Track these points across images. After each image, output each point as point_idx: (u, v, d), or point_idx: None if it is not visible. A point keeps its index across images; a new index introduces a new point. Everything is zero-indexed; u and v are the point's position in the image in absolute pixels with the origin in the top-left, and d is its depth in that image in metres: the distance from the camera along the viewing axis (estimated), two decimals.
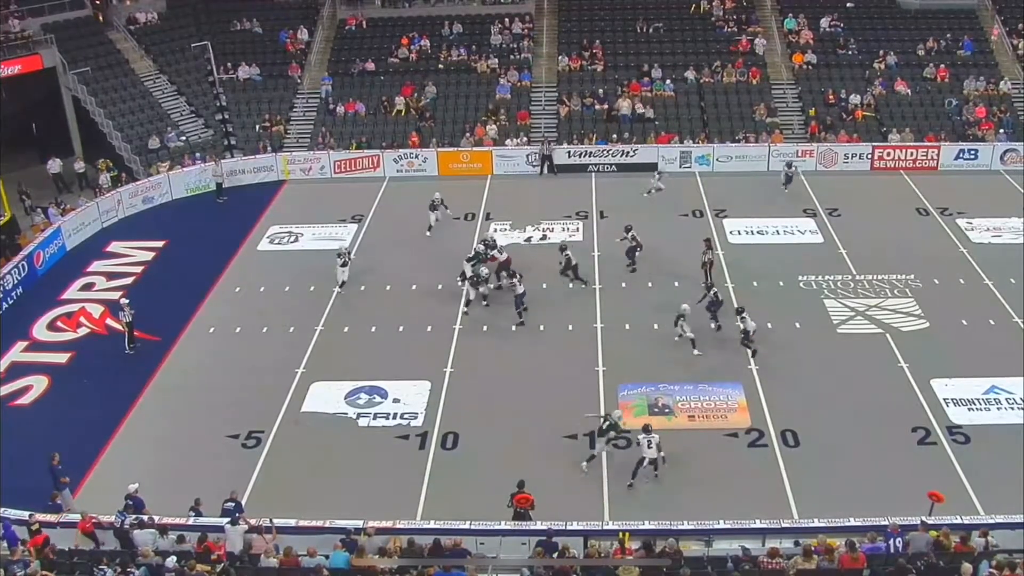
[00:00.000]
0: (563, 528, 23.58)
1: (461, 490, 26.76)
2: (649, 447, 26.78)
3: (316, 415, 30.48)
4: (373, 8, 58.66)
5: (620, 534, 23.17)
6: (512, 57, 55.02)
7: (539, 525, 23.75)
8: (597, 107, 51.96)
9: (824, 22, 57.03)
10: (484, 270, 36.14)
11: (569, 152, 48.87)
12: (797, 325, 35.13)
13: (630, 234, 38.56)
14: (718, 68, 54.22)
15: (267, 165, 49.14)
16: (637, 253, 38.57)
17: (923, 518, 23.98)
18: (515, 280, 35.22)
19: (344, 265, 37.77)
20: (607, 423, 27.78)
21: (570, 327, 34.91)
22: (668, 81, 53.38)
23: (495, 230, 41.94)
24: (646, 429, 27.18)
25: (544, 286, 37.43)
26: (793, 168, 46.83)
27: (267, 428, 29.67)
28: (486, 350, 33.89)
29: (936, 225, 43.04)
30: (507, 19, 56.68)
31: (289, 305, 37.00)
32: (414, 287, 37.74)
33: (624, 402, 30.56)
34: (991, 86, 53.71)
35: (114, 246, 42.73)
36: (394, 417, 30.17)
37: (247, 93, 54.15)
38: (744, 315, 32.73)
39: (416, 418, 30.07)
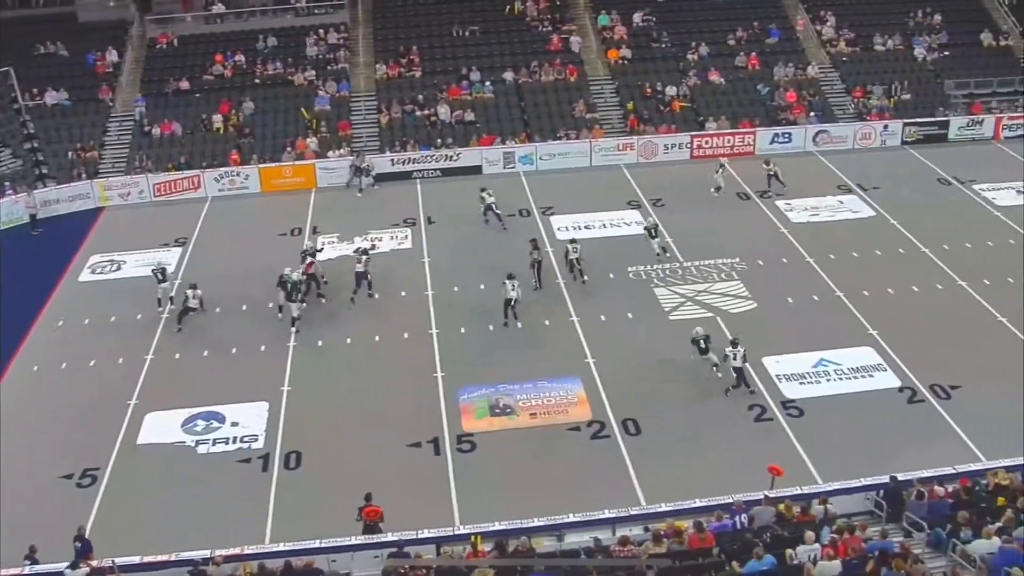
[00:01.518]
0: (415, 537, 23.30)
1: (308, 509, 26.29)
2: (734, 359, 30.44)
3: (153, 447, 29.49)
4: (184, 25, 57.21)
5: (472, 537, 23.05)
6: (329, 68, 54.44)
7: (390, 536, 23.46)
8: (418, 113, 51.81)
9: (637, 17, 58.04)
10: (296, 275, 35.65)
11: (392, 160, 48.57)
12: (630, 315, 35.63)
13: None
14: (535, 68, 54.64)
15: (83, 193, 47.39)
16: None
17: (765, 492, 24.54)
18: (508, 283, 34.80)
19: (161, 282, 36.87)
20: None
21: (406, 335, 34.68)
22: (487, 83, 53.56)
23: (319, 242, 41.39)
24: (734, 343, 30.80)
25: (376, 296, 37.13)
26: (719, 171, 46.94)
27: (102, 465, 28.49)
28: (323, 365, 33.39)
29: (756, 208, 44.24)
30: (322, 30, 56.05)
31: (116, 335, 35.71)
32: (244, 307, 36.93)
33: (465, 405, 30.54)
34: (799, 71, 55.64)
35: None
36: (234, 441, 29.41)
37: (56, 119, 52.14)
38: (736, 347, 30.99)
39: (256, 440, 29.40)
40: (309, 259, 37.23)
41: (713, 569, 20.44)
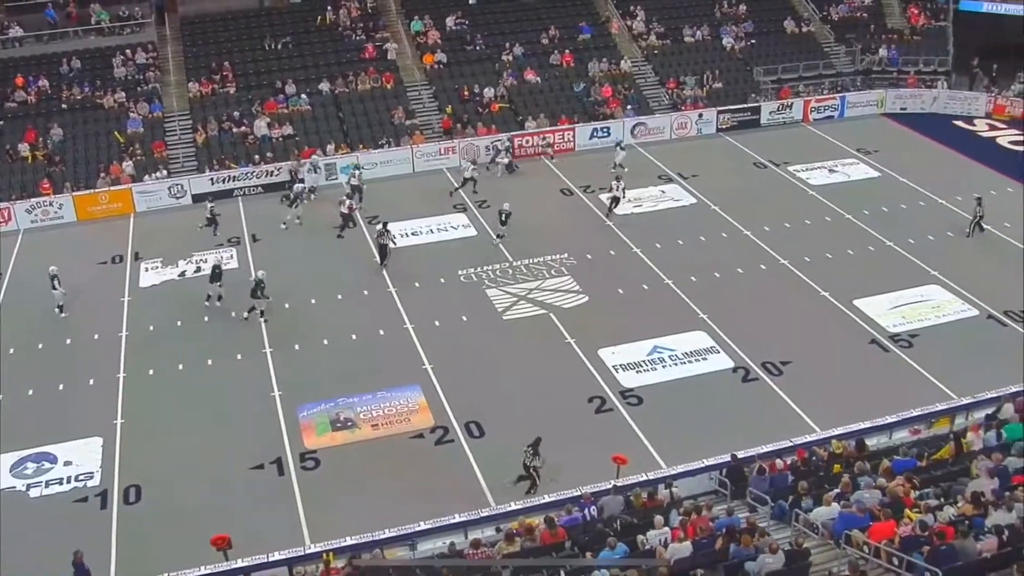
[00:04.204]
0: (265, 561, 22.93)
1: (153, 542, 25.43)
2: None
3: None
4: None
5: (324, 555, 22.73)
6: (140, 89, 52.86)
7: (239, 563, 22.90)
8: (235, 130, 50.77)
9: (450, 21, 58.08)
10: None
11: (212, 179, 47.41)
12: (464, 318, 35.61)
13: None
14: (351, 77, 54.15)
15: None
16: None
17: (612, 482, 24.85)
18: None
19: (56, 288, 36.21)
20: None
21: (239, 356, 33.91)
22: (303, 95, 52.82)
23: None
24: None
25: (206, 319, 36.23)
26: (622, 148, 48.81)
27: None
28: (156, 394, 32.27)
29: (581, 204, 44.74)
30: (128, 50, 54.31)
31: None
32: (69, 341, 35.45)
33: (306, 422, 30.06)
34: (613, 66, 56.47)
35: None
36: (68, 481, 28.15)
37: None
38: None
39: (92, 477, 28.22)
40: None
41: (568, 562, 20.51)
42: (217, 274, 36.92)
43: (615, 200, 43.36)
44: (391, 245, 39.58)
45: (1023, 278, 36.74)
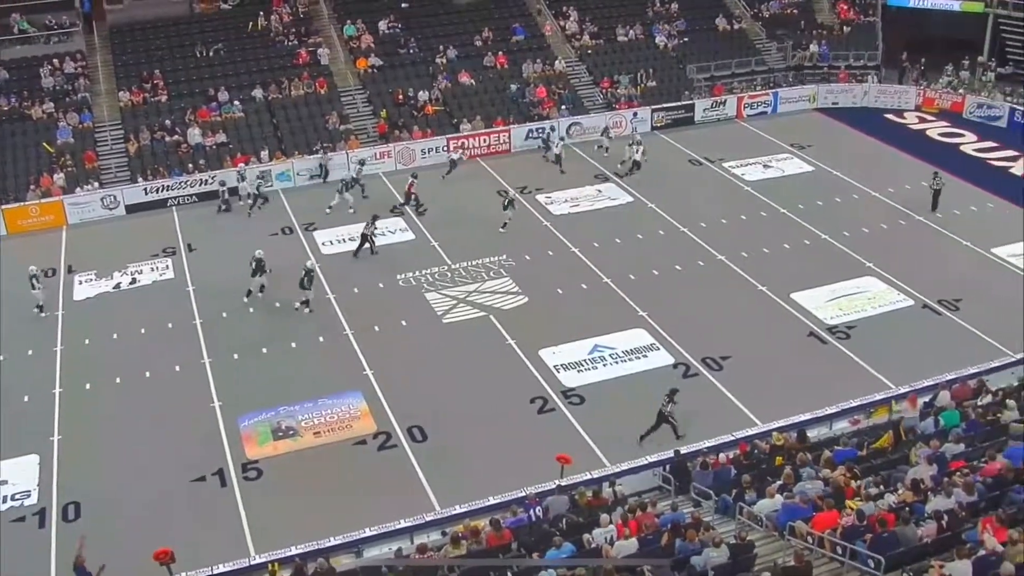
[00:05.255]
0: (210, 573, 22.82)
1: (95, 559, 24.67)
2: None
3: None
4: None
5: (269, 565, 22.57)
6: (69, 99, 52.07)
7: None
8: (167, 139, 50.15)
9: (383, 25, 57.82)
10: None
11: (145, 189, 46.79)
12: (403, 323, 35.46)
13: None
14: (285, 83, 53.74)
15: None
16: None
17: (557, 482, 24.86)
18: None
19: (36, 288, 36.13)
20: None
21: (177, 368, 33.44)
22: (236, 102, 52.33)
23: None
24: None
25: (143, 331, 35.74)
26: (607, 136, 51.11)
27: None
28: (93, 408, 31.70)
29: (519, 205, 44.66)
30: (56, 59, 53.49)
31: None
32: (3, 357, 34.75)
33: (247, 433, 29.74)
34: (547, 67, 56.52)
35: None
36: (5, 500, 27.53)
37: None
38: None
39: (29, 496, 27.63)
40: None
41: (515, 562, 20.46)
42: (261, 267, 37.00)
43: (636, 164, 47.42)
44: (373, 239, 40.49)
45: (957, 268, 37.46)
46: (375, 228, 40.77)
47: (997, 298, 35.34)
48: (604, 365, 32.35)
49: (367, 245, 40.53)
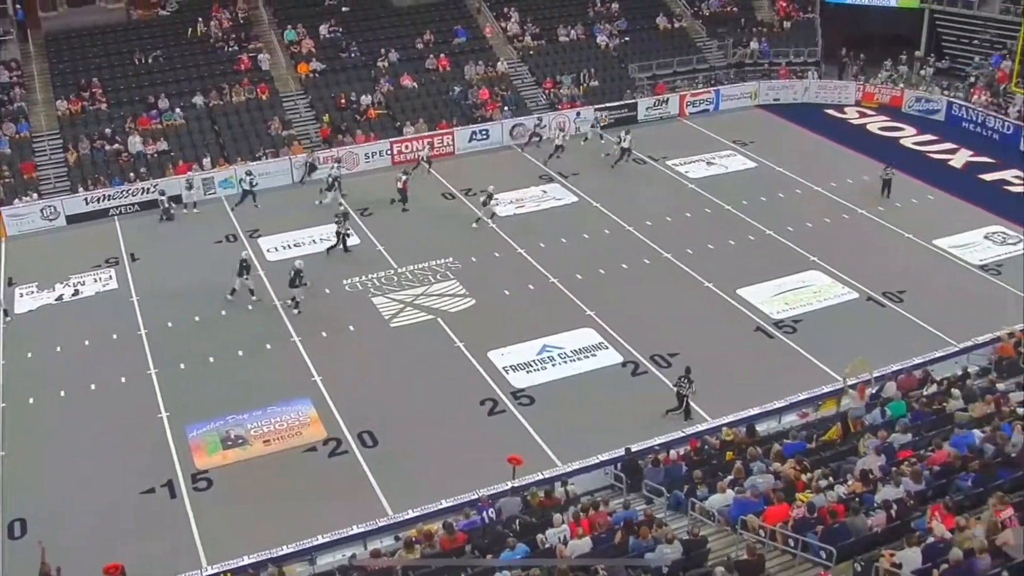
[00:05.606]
0: None
1: None
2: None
3: None
4: None
5: (222, 575, 22.38)
6: (4, 109, 51.28)
7: None
8: (108, 148, 49.54)
9: (323, 29, 57.47)
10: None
11: (86, 199, 46.16)
12: (351, 328, 35.29)
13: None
14: (226, 89, 53.28)
15: None
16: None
17: (509, 483, 24.83)
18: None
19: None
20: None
21: (123, 379, 32.99)
22: (177, 110, 51.79)
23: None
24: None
25: (87, 343, 35.27)
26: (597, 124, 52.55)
27: None
28: (37, 423, 31.19)
29: (462, 207, 44.61)
30: None
31: None
32: None
33: (195, 442, 29.42)
34: (490, 68, 56.48)
35: None
36: None
37: None
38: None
39: None
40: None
41: (470, 563, 20.42)
42: (246, 267, 37.07)
43: (625, 151, 48.28)
44: (347, 237, 40.93)
45: (900, 261, 37.83)
46: (348, 227, 40.90)
47: (940, 289, 35.87)
48: (553, 365, 32.37)
49: (340, 245, 40.67)
